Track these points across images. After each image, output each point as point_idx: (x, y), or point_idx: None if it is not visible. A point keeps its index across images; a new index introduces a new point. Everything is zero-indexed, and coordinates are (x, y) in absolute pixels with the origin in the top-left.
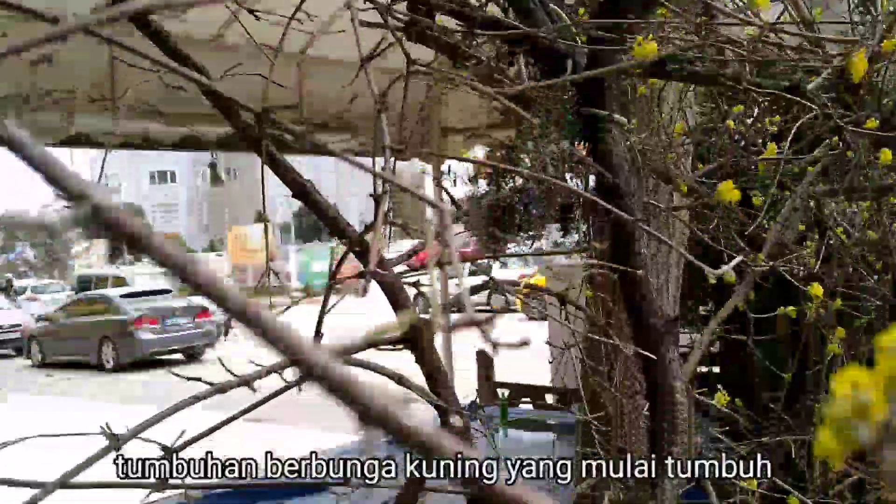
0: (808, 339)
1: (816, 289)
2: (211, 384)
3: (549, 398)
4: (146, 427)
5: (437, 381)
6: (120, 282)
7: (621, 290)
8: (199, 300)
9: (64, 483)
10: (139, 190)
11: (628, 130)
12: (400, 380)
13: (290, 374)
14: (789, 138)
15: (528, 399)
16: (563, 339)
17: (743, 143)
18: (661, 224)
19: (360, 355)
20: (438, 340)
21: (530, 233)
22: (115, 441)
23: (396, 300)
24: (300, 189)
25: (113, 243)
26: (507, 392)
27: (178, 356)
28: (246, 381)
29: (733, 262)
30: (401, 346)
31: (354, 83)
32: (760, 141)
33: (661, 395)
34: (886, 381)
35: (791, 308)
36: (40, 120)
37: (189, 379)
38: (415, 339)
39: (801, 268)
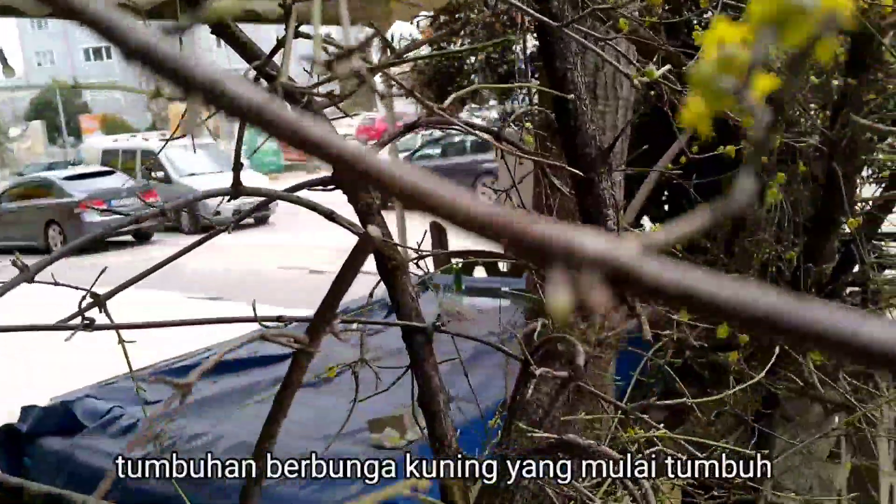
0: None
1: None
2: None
3: (502, 265)
4: (61, 255)
5: (369, 216)
6: (150, 162)
7: (556, 118)
8: (145, 181)
9: None
10: (75, 66)
11: None
12: (331, 215)
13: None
14: None
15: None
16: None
17: None
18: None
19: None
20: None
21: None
22: (27, 272)
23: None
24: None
25: None
26: (460, 261)
27: (128, 238)
28: (163, 212)
29: (665, 67)
30: (332, 188)
31: None
32: None
33: (592, 225)
34: (756, 27)
35: (730, 147)
36: None
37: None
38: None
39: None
